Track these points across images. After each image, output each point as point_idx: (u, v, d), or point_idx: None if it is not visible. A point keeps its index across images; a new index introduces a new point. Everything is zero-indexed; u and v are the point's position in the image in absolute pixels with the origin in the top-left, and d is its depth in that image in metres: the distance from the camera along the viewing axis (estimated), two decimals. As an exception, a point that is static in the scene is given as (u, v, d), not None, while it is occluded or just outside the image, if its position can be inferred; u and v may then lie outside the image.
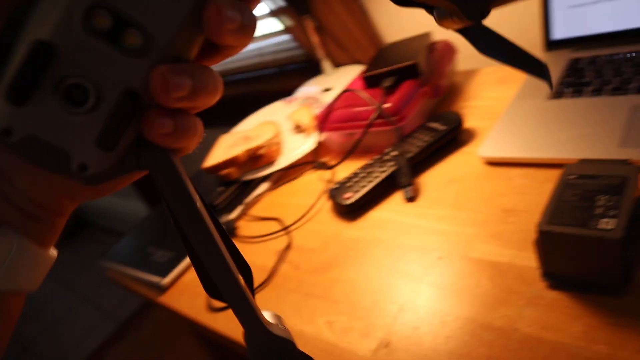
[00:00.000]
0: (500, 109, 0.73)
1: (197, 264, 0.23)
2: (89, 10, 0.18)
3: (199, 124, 0.23)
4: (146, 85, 0.20)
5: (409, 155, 0.67)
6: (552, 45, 0.78)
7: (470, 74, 0.87)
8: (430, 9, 0.31)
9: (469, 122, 0.73)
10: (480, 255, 0.50)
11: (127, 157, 0.21)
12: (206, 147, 0.85)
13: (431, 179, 0.65)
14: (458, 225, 0.56)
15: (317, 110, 0.88)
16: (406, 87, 0.73)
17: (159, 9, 0.19)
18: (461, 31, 0.31)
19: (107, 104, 0.20)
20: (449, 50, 0.83)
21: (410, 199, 0.63)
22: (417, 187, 0.65)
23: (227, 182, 0.87)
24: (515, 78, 0.79)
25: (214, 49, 0.22)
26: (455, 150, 0.68)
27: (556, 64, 0.75)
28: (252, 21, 0.20)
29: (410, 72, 0.74)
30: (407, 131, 0.72)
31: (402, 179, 0.65)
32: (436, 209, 0.60)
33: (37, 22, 0.18)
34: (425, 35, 0.82)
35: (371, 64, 0.80)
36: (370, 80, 0.77)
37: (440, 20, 0.31)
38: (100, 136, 0.20)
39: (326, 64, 1.14)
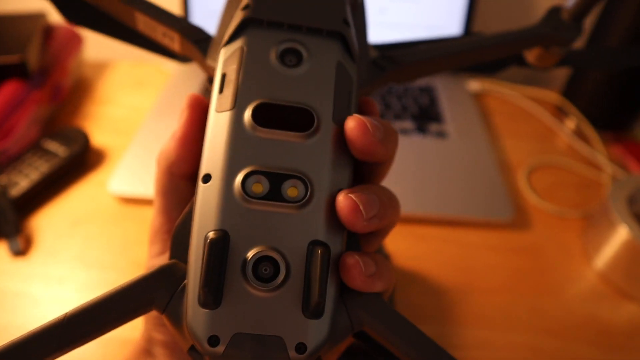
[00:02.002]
0: (136, 123, 0.64)
1: None
2: (244, 182, 0.18)
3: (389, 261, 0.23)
4: (327, 230, 0.18)
5: (16, 190, 0.51)
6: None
7: (101, 68, 0.73)
8: (519, 61, 0.32)
9: (97, 137, 0.61)
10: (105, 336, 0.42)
11: (338, 321, 0.18)
12: None
13: (49, 222, 0.51)
14: (86, 290, 0.45)
15: None
16: (9, 90, 0.55)
17: (306, 150, 0.19)
18: (563, 61, 0.31)
19: (298, 266, 0.18)
20: (72, 38, 0.68)
21: (19, 253, 0.48)
22: (28, 236, 0.50)
23: None
24: (153, 82, 0.71)
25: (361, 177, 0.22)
26: (80, 178, 0.56)
27: (197, 69, 0.71)
28: (391, 130, 0.20)
29: (14, 70, 0.56)
30: (11, 155, 0.55)
31: (5, 226, 0.49)
32: (57, 265, 0.48)
33: (199, 218, 0.18)
34: (38, 17, 0.63)
35: (-47, 47, 0.57)
36: (-50, 75, 0.55)
37: (539, 60, 0.30)
38: (305, 304, 0.18)
39: None
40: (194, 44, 0.23)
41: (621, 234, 0.48)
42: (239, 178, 0.18)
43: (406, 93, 0.69)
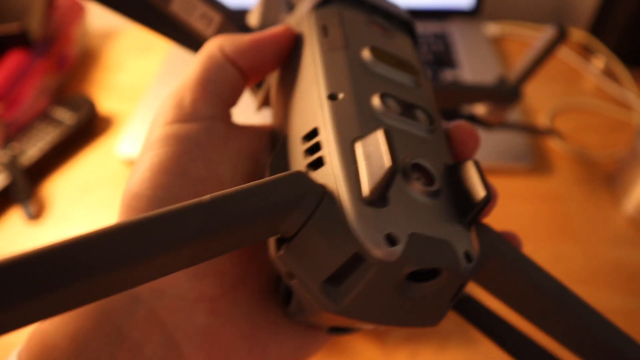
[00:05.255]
0: (142, 88, 0.63)
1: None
2: (381, 99, 0.18)
3: None
4: (448, 158, 0.18)
5: (27, 159, 0.51)
6: None
7: (107, 36, 0.73)
8: (470, 118, 0.42)
9: (105, 104, 0.61)
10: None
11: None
12: None
13: (60, 188, 0.52)
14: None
15: None
16: (12, 60, 0.55)
17: (419, 91, 0.20)
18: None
19: (442, 182, 0.17)
20: (75, 8, 0.67)
21: (32, 217, 0.49)
22: (40, 202, 0.50)
23: None
24: (158, 48, 0.70)
25: None
26: (88, 145, 0.56)
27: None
28: None
29: (16, 40, 0.56)
30: (20, 124, 0.55)
31: (18, 192, 0.49)
32: (69, 229, 0.48)
33: (336, 131, 0.16)
34: (38, -15, 0.63)
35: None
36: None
37: (490, 115, 0.41)
38: (460, 213, 0.16)
39: None
40: (237, 30, 0.23)
41: (652, 173, 0.45)
42: (376, 95, 0.18)
43: (419, 40, 0.66)
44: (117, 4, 0.26)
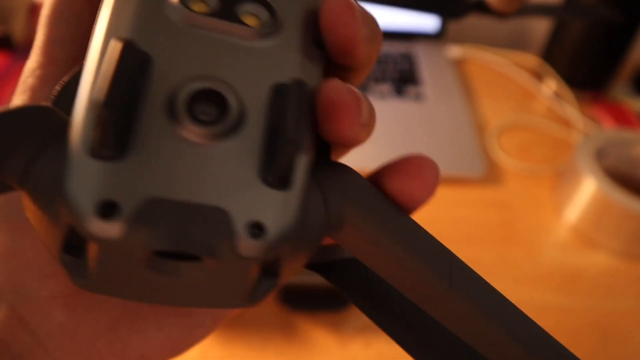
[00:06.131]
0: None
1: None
2: None
3: None
4: (303, 70, 0.12)
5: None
6: None
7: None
8: (480, 6, 0.35)
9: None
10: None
11: (310, 209, 0.12)
12: None
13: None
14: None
15: None
16: (-4, 61, 0.57)
17: None
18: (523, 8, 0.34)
19: (254, 112, 0.12)
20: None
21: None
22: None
23: None
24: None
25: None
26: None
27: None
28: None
29: (0, 43, 0.58)
30: None
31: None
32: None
33: (107, 26, 0.11)
34: (22, -8, 0.65)
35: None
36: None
37: (502, 3, 0.34)
38: (266, 163, 0.11)
39: None
40: None
41: (589, 186, 0.50)
42: None
43: (386, 59, 0.70)
44: None
